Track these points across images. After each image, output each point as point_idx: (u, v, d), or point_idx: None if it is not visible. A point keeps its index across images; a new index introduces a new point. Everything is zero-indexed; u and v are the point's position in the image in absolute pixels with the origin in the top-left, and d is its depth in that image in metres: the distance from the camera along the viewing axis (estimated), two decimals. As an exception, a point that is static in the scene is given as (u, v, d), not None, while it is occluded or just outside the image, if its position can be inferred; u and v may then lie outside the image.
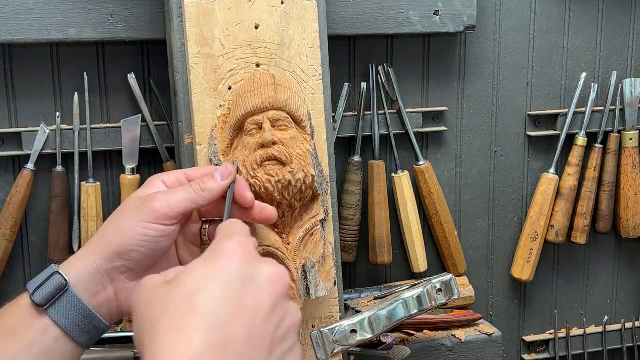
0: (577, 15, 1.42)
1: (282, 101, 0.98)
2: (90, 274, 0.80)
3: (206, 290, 0.64)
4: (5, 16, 1.11)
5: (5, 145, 1.18)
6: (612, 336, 1.53)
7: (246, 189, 0.88)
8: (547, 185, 1.41)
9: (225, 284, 0.65)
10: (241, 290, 0.65)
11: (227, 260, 0.66)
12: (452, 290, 1.11)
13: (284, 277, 0.69)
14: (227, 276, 0.65)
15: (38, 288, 0.79)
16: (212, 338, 0.61)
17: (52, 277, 0.79)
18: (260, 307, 0.65)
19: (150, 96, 1.23)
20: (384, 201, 1.32)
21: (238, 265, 0.66)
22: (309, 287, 0.97)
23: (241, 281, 0.65)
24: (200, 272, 0.66)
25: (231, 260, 0.67)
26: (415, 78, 1.35)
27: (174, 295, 0.64)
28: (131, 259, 0.80)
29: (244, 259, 0.67)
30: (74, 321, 0.79)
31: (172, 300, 0.64)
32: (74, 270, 0.80)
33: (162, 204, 0.82)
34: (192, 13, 1.00)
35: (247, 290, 0.65)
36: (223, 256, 0.67)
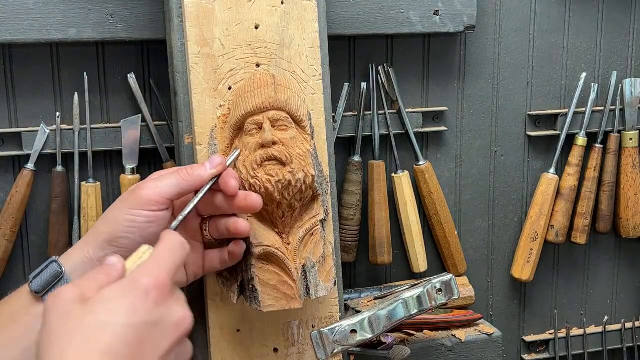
0: (577, 15, 1.42)
1: (282, 101, 0.98)
2: (84, 262, 0.84)
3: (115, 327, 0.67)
4: (5, 16, 1.11)
5: (5, 145, 1.18)
6: (612, 336, 1.53)
7: (231, 177, 0.90)
8: (547, 185, 1.41)
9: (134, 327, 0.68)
10: (146, 333, 0.69)
11: (142, 299, 0.69)
12: (452, 290, 1.11)
13: (188, 321, 0.73)
14: (138, 319, 0.68)
15: (36, 276, 0.83)
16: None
17: (49, 266, 0.83)
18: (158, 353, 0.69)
19: (150, 96, 1.23)
20: (384, 201, 1.32)
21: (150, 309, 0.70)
22: (309, 287, 0.97)
23: (149, 325, 0.69)
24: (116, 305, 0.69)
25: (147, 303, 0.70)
26: (415, 78, 1.35)
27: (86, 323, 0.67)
28: (122, 246, 0.83)
29: (158, 302, 0.70)
30: None
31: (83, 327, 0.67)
32: (71, 260, 0.84)
33: (148, 190, 0.86)
34: (192, 13, 1.00)
35: (151, 334, 0.69)
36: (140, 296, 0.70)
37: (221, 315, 1.04)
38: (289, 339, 1.07)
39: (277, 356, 1.06)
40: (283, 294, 0.96)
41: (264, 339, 1.05)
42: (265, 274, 0.96)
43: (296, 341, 1.07)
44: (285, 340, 1.06)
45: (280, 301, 0.96)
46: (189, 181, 0.88)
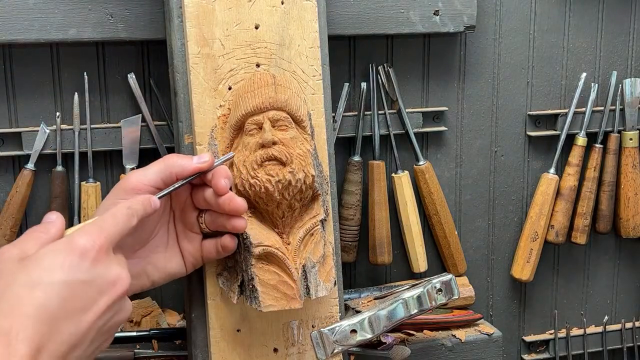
0: (577, 15, 1.42)
1: (282, 101, 0.98)
2: None
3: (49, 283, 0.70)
4: (5, 16, 1.11)
5: (5, 145, 1.18)
6: (612, 336, 1.53)
7: (222, 177, 0.92)
8: (547, 185, 1.41)
9: (67, 283, 0.71)
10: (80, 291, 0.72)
11: (77, 259, 0.73)
12: (452, 290, 1.11)
13: (125, 281, 0.76)
14: (72, 276, 0.72)
15: None
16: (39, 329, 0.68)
17: None
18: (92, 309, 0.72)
19: (150, 96, 1.23)
20: (384, 201, 1.32)
21: (85, 267, 0.73)
22: (309, 287, 0.97)
23: (83, 283, 0.72)
24: (50, 263, 0.71)
25: (81, 261, 0.73)
26: (415, 78, 1.35)
27: (20, 278, 0.70)
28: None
29: (94, 260, 0.73)
30: None
31: (17, 282, 0.70)
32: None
33: (132, 179, 0.89)
34: (192, 13, 1.00)
35: (86, 292, 0.72)
36: (75, 254, 0.73)
37: (221, 315, 1.04)
38: (289, 339, 1.07)
39: (277, 356, 1.06)
40: (283, 294, 0.96)
41: (264, 339, 1.05)
42: (266, 274, 0.96)
43: (296, 341, 1.07)
44: (285, 340, 1.06)
45: (280, 301, 0.96)
46: (173, 169, 0.91)
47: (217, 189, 0.92)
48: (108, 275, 0.75)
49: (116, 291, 0.75)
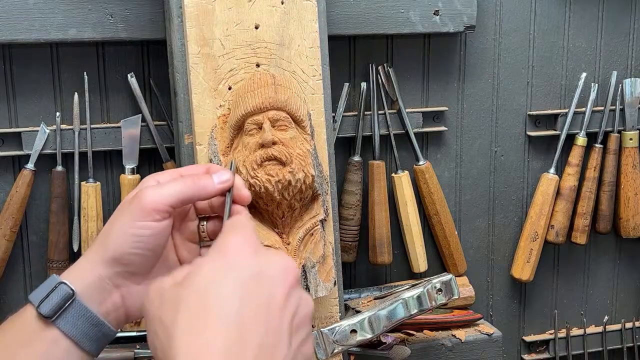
0: (577, 15, 1.42)
1: (282, 101, 0.98)
2: (95, 282, 0.79)
3: (218, 289, 0.63)
4: (5, 16, 1.11)
5: (5, 145, 1.18)
6: (612, 336, 1.53)
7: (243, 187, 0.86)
8: (547, 185, 1.41)
9: (236, 280, 0.64)
10: (253, 285, 0.64)
11: (235, 255, 0.66)
12: (452, 290, 1.11)
13: (294, 268, 0.69)
14: (238, 272, 0.65)
15: (44, 300, 0.77)
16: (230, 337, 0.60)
17: (57, 288, 0.77)
18: (274, 300, 0.65)
19: (150, 96, 1.23)
20: (384, 201, 1.32)
21: (248, 260, 0.66)
22: (309, 287, 0.97)
23: (252, 276, 0.65)
24: (210, 270, 0.65)
25: (240, 255, 0.66)
26: (415, 78, 1.35)
27: (186, 296, 0.63)
28: (130, 263, 0.79)
29: (253, 253, 0.67)
30: (83, 331, 0.77)
31: (184, 301, 0.63)
32: (78, 280, 0.79)
33: (150, 198, 0.80)
34: (192, 13, 1.00)
35: (260, 284, 0.65)
36: (231, 252, 0.67)
37: (221, 315, 1.03)
38: (289, 339, 1.06)
39: (277, 356, 1.06)
40: (283, 294, 0.96)
41: (264, 339, 1.05)
42: (265, 274, 0.96)
43: (296, 341, 1.07)
44: (285, 340, 1.06)
45: (280, 301, 0.96)
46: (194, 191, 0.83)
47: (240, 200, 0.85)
48: (274, 265, 0.67)
49: (288, 279, 0.67)
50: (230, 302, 0.62)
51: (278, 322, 0.64)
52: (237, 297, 0.63)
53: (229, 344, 0.60)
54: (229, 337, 0.60)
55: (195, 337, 0.60)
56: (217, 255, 0.67)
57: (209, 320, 0.61)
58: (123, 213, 0.81)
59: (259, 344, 0.62)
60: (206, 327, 0.61)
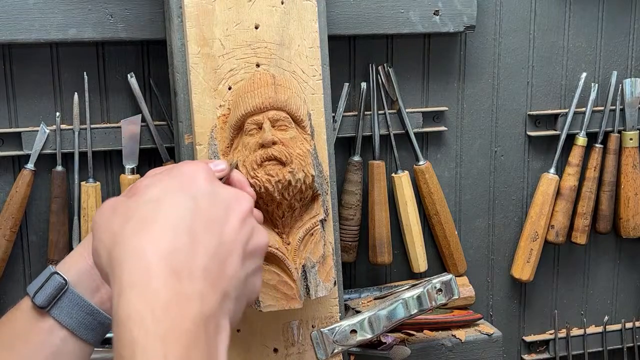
0: (577, 15, 1.42)
1: (282, 101, 0.98)
2: (87, 271, 0.80)
3: (172, 199, 0.63)
4: (5, 16, 1.11)
5: (5, 145, 1.18)
6: (612, 336, 1.53)
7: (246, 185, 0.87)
8: (547, 185, 1.41)
9: (190, 196, 0.64)
10: (207, 203, 0.64)
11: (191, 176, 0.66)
12: (452, 290, 1.11)
13: (249, 198, 0.69)
14: (193, 189, 0.65)
15: (38, 290, 0.78)
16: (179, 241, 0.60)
17: (51, 278, 0.78)
18: (228, 220, 0.65)
19: (150, 96, 1.23)
20: (384, 201, 1.32)
21: (203, 182, 0.66)
22: (309, 287, 0.97)
23: (207, 195, 0.65)
24: (165, 184, 0.65)
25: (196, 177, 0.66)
26: (415, 78, 1.35)
27: (137, 205, 0.63)
28: None
29: (206, 179, 0.67)
30: (78, 319, 0.78)
31: (135, 209, 0.63)
32: (72, 270, 0.80)
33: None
34: (192, 13, 1.00)
35: (214, 204, 0.65)
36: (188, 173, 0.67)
37: (221, 315, 1.04)
38: (289, 339, 1.07)
39: (277, 356, 1.06)
40: (283, 294, 0.96)
41: (264, 339, 1.05)
42: (265, 274, 0.96)
43: (296, 341, 1.07)
44: (285, 340, 1.06)
45: (280, 301, 0.96)
46: None
47: None
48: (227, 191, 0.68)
49: (243, 206, 0.67)
50: (183, 212, 0.62)
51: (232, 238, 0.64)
52: (190, 210, 0.62)
53: (176, 247, 0.59)
54: (176, 241, 0.59)
55: (141, 237, 0.59)
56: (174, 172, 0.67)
57: (157, 224, 0.60)
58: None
59: (211, 254, 0.61)
60: (154, 230, 0.60)
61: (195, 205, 0.63)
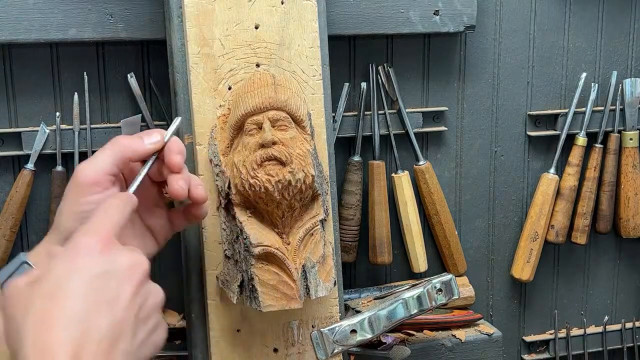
0: (577, 15, 1.42)
1: (282, 101, 0.98)
2: None
3: (65, 288, 0.68)
4: (5, 16, 1.11)
5: (5, 145, 1.18)
6: (612, 336, 1.53)
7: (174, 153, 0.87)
8: (547, 185, 1.41)
9: (84, 281, 0.69)
10: (100, 285, 0.69)
11: (84, 255, 0.71)
12: (452, 290, 1.11)
13: (142, 263, 0.74)
14: (86, 273, 0.69)
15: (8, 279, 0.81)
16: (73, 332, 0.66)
17: (20, 267, 0.81)
18: (120, 297, 0.70)
19: (150, 96, 1.23)
20: (384, 201, 1.32)
21: (95, 259, 0.71)
22: (309, 287, 0.97)
23: (100, 276, 0.70)
24: (60, 271, 0.70)
25: (88, 255, 0.71)
26: (415, 78, 1.35)
27: (35, 296, 0.68)
28: None
29: (102, 252, 0.71)
30: None
31: (34, 300, 0.68)
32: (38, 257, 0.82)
33: (83, 172, 0.83)
34: (192, 13, 1.00)
35: (106, 282, 0.70)
36: (81, 252, 0.71)
37: (221, 315, 1.04)
38: (289, 339, 1.07)
39: (277, 356, 1.06)
40: (283, 294, 0.96)
41: (264, 339, 1.05)
42: (265, 274, 0.96)
43: (296, 341, 1.07)
44: (285, 340, 1.06)
45: (280, 301, 0.96)
46: (123, 153, 0.85)
47: (170, 166, 0.86)
48: (122, 262, 0.72)
49: (136, 276, 0.73)
50: (75, 300, 0.68)
51: (121, 316, 0.70)
52: (82, 296, 0.68)
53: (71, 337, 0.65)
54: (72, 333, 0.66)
55: (40, 334, 0.65)
56: (68, 255, 0.71)
57: (53, 319, 0.66)
58: (69, 191, 0.84)
59: (100, 338, 0.67)
60: (52, 325, 0.66)
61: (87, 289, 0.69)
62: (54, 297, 0.68)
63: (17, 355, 0.66)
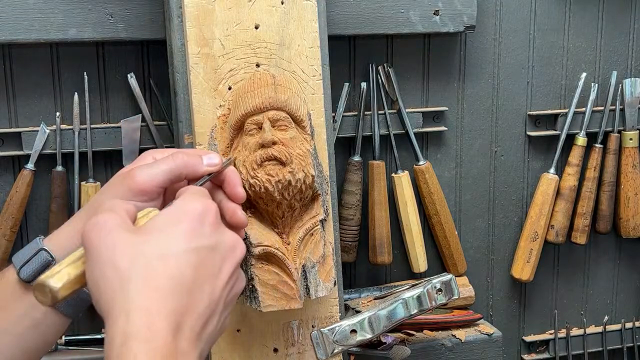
0: (577, 15, 1.42)
1: (282, 101, 0.98)
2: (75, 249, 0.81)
3: (178, 253, 0.67)
4: (5, 16, 1.11)
5: (5, 145, 1.18)
6: (612, 336, 1.53)
7: (237, 185, 0.88)
8: (547, 185, 1.41)
9: (196, 250, 0.69)
10: (207, 256, 0.69)
11: (198, 223, 0.70)
12: (452, 290, 1.11)
13: (243, 246, 0.74)
14: (199, 241, 0.69)
15: (24, 264, 0.80)
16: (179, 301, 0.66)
17: (38, 254, 0.80)
18: (221, 275, 0.70)
19: (150, 96, 1.23)
20: (384, 201, 1.32)
21: (207, 232, 0.70)
22: (309, 287, 0.97)
23: (208, 248, 0.70)
24: (171, 231, 0.69)
25: (202, 225, 0.70)
26: (415, 78, 1.35)
27: (146, 250, 0.67)
28: None
29: (212, 224, 0.71)
30: None
31: (144, 254, 0.67)
32: (60, 247, 0.81)
33: (140, 179, 0.81)
34: (192, 13, 1.00)
35: (213, 256, 0.70)
36: (193, 219, 0.70)
37: (221, 315, 1.04)
38: (289, 339, 1.07)
39: (277, 356, 1.06)
40: (283, 294, 0.96)
41: (264, 339, 1.05)
42: (265, 274, 0.96)
43: (296, 341, 1.07)
44: (285, 340, 1.06)
45: (280, 301, 0.96)
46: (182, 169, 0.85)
47: (233, 197, 0.87)
48: (228, 240, 0.72)
49: (236, 256, 0.73)
50: (186, 268, 0.67)
51: (218, 295, 0.70)
52: (193, 265, 0.68)
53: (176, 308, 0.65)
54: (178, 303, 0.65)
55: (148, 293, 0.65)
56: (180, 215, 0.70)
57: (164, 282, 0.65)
58: (114, 187, 0.83)
59: (199, 313, 0.67)
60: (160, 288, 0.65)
61: (197, 261, 0.68)
62: (165, 260, 0.67)
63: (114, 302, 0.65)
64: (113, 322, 0.64)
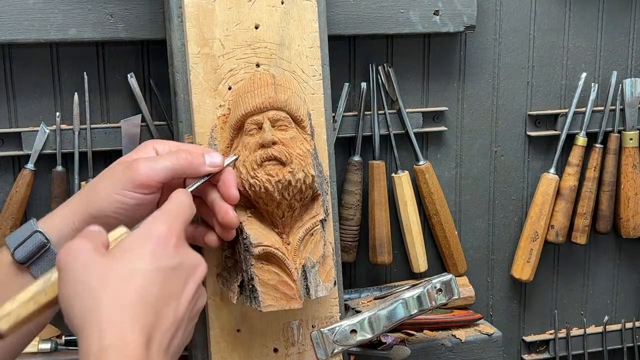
0: (577, 15, 1.42)
1: (282, 101, 0.98)
2: (70, 233, 0.83)
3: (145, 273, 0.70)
4: (5, 16, 1.11)
5: (5, 145, 1.18)
6: (612, 336, 1.53)
7: (232, 187, 0.90)
8: (547, 185, 1.41)
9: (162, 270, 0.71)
10: (172, 277, 0.72)
11: (162, 246, 0.73)
12: (452, 290, 1.11)
13: (204, 265, 0.77)
14: (163, 262, 0.72)
15: (19, 246, 0.82)
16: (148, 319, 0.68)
17: (33, 236, 0.82)
18: (185, 293, 0.73)
19: (150, 96, 1.23)
20: (384, 201, 1.32)
21: (171, 253, 0.73)
22: (309, 287, 0.97)
23: (173, 269, 0.72)
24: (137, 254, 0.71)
25: (166, 248, 0.73)
26: (415, 78, 1.35)
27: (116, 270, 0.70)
28: (107, 223, 0.81)
29: (176, 246, 0.74)
30: None
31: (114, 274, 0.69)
32: (55, 229, 0.83)
33: (143, 171, 0.84)
34: (192, 13, 1.00)
35: (177, 275, 0.73)
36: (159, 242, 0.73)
37: (221, 315, 1.04)
38: (289, 339, 1.07)
39: (277, 356, 1.06)
40: (283, 294, 0.96)
41: (264, 339, 1.05)
42: (265, 274, 0.96)
43: (296, 341, 1.07)
44: (285, 340, 1.06)
45: (280, 301, 0.96)
46: (185, 169, 0.87)
47: (227, 198, 0.90)
48: (190, 260, 0.75)
49: (199, 274, 0.76)
50: (153, 287, 0.70)
51: (183, 311, 0.73)
52: (159, 284, 0.70)
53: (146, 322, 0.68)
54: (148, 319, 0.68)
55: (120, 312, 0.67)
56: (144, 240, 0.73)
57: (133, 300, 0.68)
58: (114, 175, 0.86)
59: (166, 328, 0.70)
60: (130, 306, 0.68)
61: (162, 280, 0.71)
62: (133, 278, 0.69)
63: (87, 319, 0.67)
64: (86, 338, 0.66)
